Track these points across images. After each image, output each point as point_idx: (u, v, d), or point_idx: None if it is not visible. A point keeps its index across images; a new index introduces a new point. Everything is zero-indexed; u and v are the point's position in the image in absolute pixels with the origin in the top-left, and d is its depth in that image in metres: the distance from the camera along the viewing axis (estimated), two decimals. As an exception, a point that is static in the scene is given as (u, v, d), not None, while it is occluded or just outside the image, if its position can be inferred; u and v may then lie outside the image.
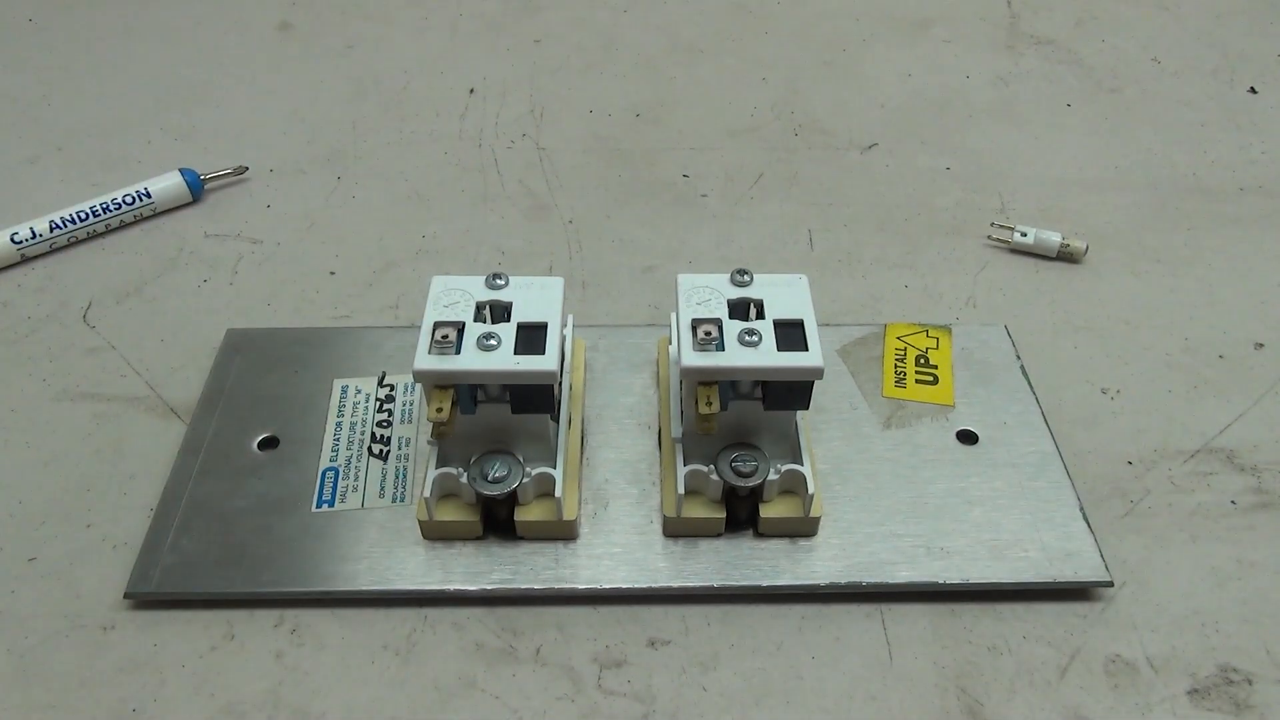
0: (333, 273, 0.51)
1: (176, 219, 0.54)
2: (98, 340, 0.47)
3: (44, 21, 0.71)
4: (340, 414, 0.42)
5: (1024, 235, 0.51)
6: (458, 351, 0.34)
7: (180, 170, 0.54)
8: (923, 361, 0.45)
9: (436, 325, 0.35)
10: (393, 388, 0.43)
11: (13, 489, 0.40)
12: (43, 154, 0.58)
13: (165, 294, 0.49)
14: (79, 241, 0.52)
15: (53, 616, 0.36)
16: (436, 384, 0.34)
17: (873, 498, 0.39)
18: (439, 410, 0.34)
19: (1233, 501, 0.40)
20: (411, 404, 0.42)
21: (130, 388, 0.44)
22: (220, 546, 0.37)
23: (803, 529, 0.37)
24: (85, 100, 0.63)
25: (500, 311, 0.36)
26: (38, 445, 0.42)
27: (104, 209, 0.52)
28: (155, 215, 0.54)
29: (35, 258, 0.51)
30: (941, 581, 0.36)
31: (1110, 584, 0.36)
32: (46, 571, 0.37)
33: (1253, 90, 0.65)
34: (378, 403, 0.42)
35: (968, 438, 0.41)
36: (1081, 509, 0.39)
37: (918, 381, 0.44)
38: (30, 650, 0.35)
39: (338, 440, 0.41)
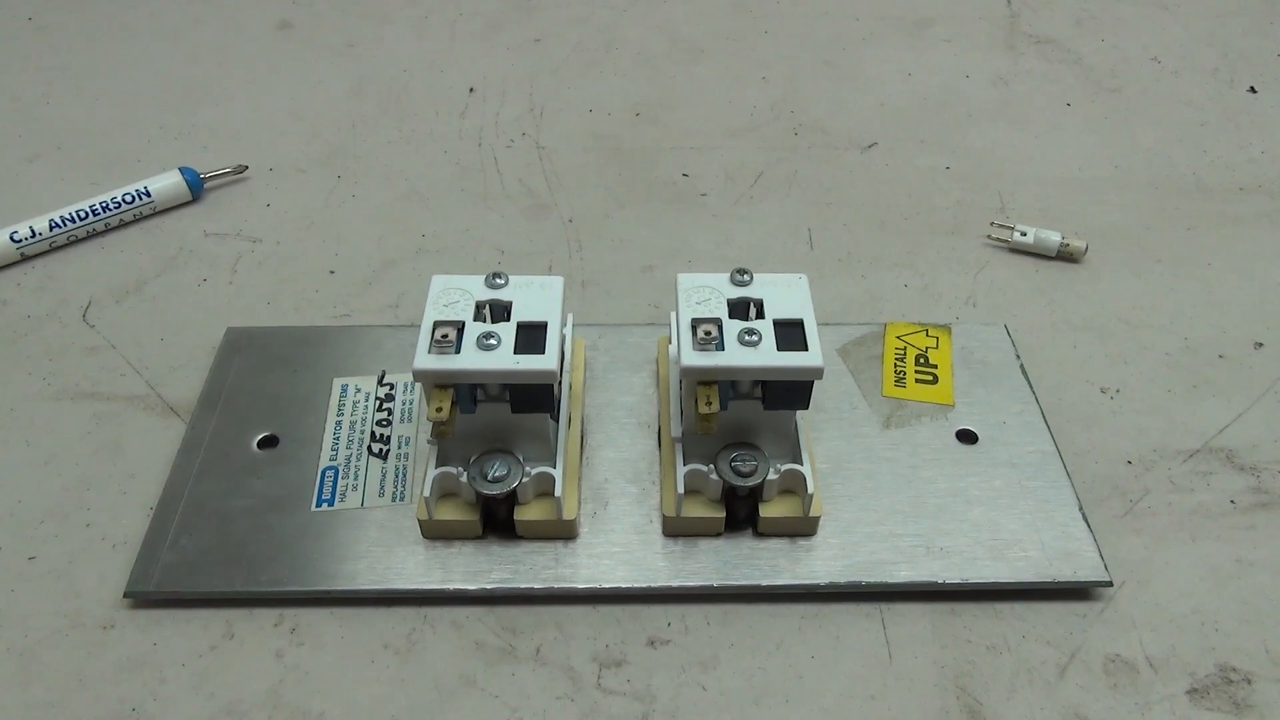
0: (332, 272, 0.51)
1: (176, 218, 0.54)
2: (97, 339, 0.47)
3: (44, 21, 0.70)
4: (340, 413, 0.42)
5: (1024, 235, 0.51)
6: (457, 351, 0.34)
7: (180, 169, 0.54)
8: (922, 361, 0.45)
9: (436, 324, 0.35)
10: (392, 387, 0.43)
11: (12, 488, 0.40)
12: (42, 153, 0.58)
13: (165, 293, 0.49)
14: (79, 240, 0.52)
15: (52, 615, 0.36)
16: (436, 383, 0.34)
17: (872, 497, 0.39)
18: (439, 410, 0.34)
19: (1232, 501, 0.40)
20: (411, 403, 0.42)
21: (130, 387, 0.44)
22: (220, 546, 0.37)
23: (802, 528, 0.37)
24: (85, 99, 0.63)
25: (500, 311, 0.36)
26: (37, 444, 0.42)
27: (104, 208, 0.52)
28: (155, 214, 0.54)
29: (35, 256, 0.51)
30: (941, 581, 0.36)
31: (1109, 584, 0.36)
32: (46, 570, 0.37)
33: (1253, 90, 0.64)
34: (377, 402, 0.42)
35: (967, 437, 0.41)
36: (1081, 509, 0.39)
37: (917, 381, 0.44)
38: (30, 649, 0.35)
39: (337, 439, 0.41)
